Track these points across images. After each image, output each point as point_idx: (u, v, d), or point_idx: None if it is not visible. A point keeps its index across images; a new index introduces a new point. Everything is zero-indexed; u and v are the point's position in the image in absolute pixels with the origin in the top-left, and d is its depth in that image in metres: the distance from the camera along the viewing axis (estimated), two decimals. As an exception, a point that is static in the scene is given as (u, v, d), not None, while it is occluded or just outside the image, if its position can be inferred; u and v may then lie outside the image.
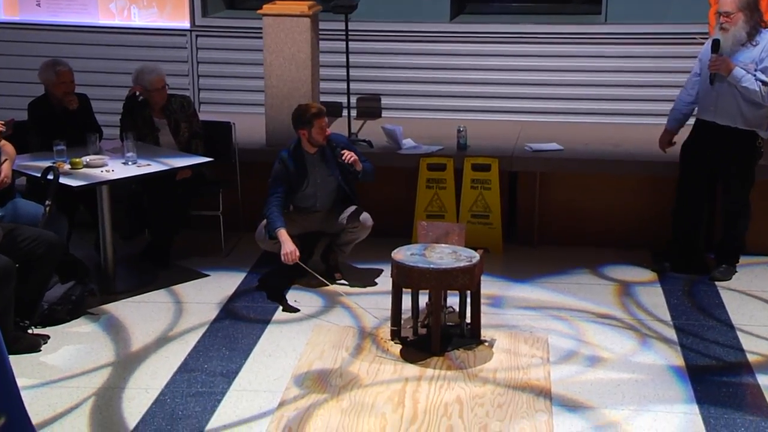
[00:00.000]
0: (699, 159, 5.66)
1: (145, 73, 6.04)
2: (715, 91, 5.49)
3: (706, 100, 5.56)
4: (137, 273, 5.91)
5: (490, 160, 6.26)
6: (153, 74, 6.02)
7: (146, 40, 7.53)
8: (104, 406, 4.35)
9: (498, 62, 7.26)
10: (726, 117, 5.50)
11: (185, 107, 6.16)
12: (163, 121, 6.12)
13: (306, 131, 5.51)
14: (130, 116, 6.12)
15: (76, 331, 5.14)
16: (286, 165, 5.54)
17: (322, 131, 5.51)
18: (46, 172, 5.34)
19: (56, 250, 4.94)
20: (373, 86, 7.37)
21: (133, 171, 5.58)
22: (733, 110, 5.46)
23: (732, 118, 5.48)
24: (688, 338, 5.03)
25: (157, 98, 6.05)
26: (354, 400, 4.37)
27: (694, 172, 5.70)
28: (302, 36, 6.37)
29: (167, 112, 6.12)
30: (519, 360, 4.76)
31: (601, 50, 7.11)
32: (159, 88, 6.02)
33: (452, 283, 4.74)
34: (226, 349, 4.92)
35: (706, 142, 5.61)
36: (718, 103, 5.49)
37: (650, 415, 4.27)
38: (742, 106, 5.45)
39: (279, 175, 5.55)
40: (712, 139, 5.57)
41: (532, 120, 7.22)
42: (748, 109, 5.45)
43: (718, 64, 5.41)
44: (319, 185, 5.66)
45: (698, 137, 5.67)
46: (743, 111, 5.45)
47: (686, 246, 5.85)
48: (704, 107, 5.59)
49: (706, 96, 5.54)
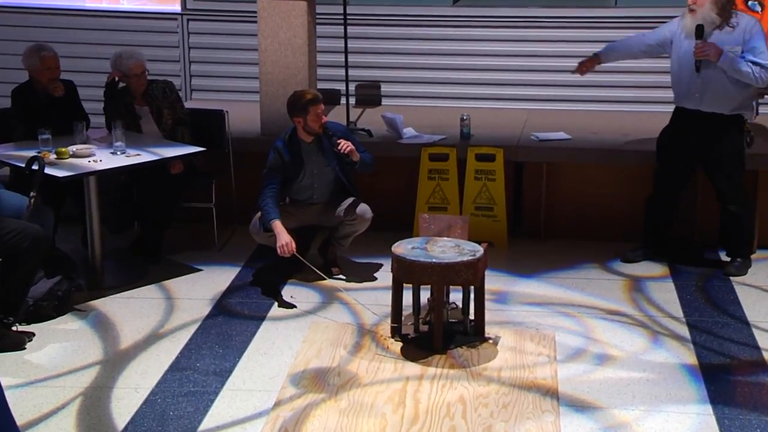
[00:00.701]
0: (680, 148, 5.72)
1: (123, 58, 6.02)
2: (701, 79, 5.53)
3: (689, 87, 5.59)
4: (126, 268, 5.90)
5: (494, 149, 6.24)
6: (132, 59, 6.00)
7: (135, 24, 7.51)
8: (92, 407, 4.34)
9: (503, 47, 7.25)
10: (713, 104, 5.55)
11: (167, 93, 6.13)
12: (144, 108, 6.10)
13: (301, 119, 5.50)
14: (112, 104, 6.10)
15: (63, 329, 5.13)
16: (281, 155, 5.53)
17: (318, 119, 5.49)
18: (31, 163, 5.32)
19: (42, 243, 4.92)
20: (373, 73, 7.37)
21: (121, 161, 5.57)
22: (722, 96, 5.52)
23: (720, 104, 5.54)
24: (702, 335, 5.02)
25: (136, 84, 6.03)
26: (353, 400, 4.36)
27: (674, 161, 5.76)
28: (299, 20, 6.36)
29: (148, 99, 6.09)
30: (525, 358, 4.75)
31: (611, 35, 7.06)
32: (138, 74, 6.00)
33: (455, 279, 4.73)
34: (220, 347, 4.92)
35: (689, 131, 5.66)
36: (706, 91, 5.54)
37: (662, 415, 4.26)
38: (730, 91, 5.51)
39: (274, 166, 5.53)
40: (696, 127, 5.63)
41: (539, 108, 7.21)
42: (737, 93, 5.53)
43: (706, 49, 5.46)
44: (316, 176, 5.64)
45: (680, 126, 5.72)
46: (733, 95, 5.52)
47: (659, 234, 5.94)
48: (687, 95, 5.62)
49: (690, 84, 5.57)
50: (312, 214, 5.73)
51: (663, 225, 5.94)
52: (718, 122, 5.57)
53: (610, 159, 6.24)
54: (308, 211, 5.72)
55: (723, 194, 5.71)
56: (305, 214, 5.71)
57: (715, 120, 5.57)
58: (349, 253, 5.91)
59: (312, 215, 5.73)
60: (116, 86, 6.09)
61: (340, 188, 5.71)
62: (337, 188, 5.71)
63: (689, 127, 5.66)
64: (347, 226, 5.64)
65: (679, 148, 5.72)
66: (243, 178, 6.34)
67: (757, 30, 5.50)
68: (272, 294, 5.51)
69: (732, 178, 5.67)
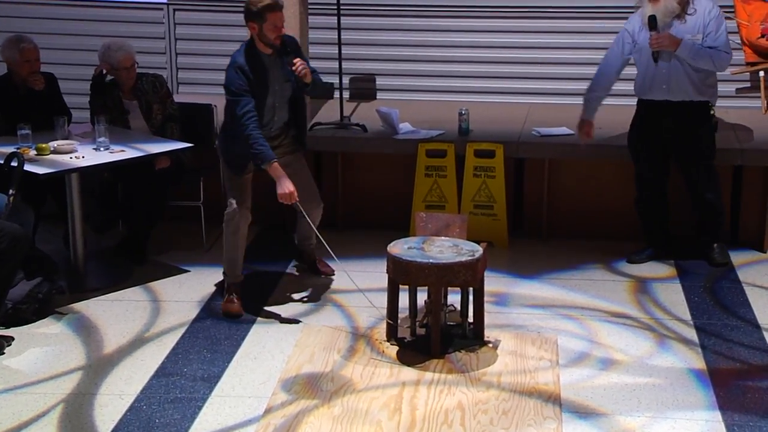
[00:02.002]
0: (653, 141, 5.80)
1: (112, 50, 6.02)
2: (664, 69, 5.63)
3: (655, 79, 5.69)
4: (110, 269, 5.90)
5: (494, 145, 6.25)
6: (121, 52, 6.00)
7: (119, 14, 7.50)
8: (74, 414, 4.34)
9: (503, 39, 7.26)
10: (680, 93, 5.67)
11: (157, 87, 6.14)
12: (133, 103, 6.10)
13: (256, 26, 5.10)
14: (99, 98, 6.10)
15: (43, 333, 5.13)
16: (245, 73, 5.07)
17: (276, 30, 5.09)
18: (10, 159, 5.32)
19: (21, 243, 4.92)
20: (368, 65, 7.37)
21: (105, 157, 5.57)
22: (686, 84, 5.65)
23: (687, 92, 5.66)
24: (710, 339, 5.04)
25: (126, 78, 6.03)
26: (347, 406, 4.37)
27: (650, 155, 5.84)
28: (290, 10, 6.35)
29: (137, 93, 6.10)
30: (526, 363, 4.76)
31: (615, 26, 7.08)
32: (127, 66, 6.01)
33: (453, 280, 4.74)
34: (208, 352, 4.92)
35: (658, 123, 5.75)
36: (671, 81, 5.64)
37: (668, 422, 4.27)
38: (694, 78, 5.64)
39: (243, 85, 5.03)
40: (665, 117, 5.72)
41: (541, 102, 7.22)
42: (700, 80, 5.65)
43: (661, 40, 5.56)
44: (278, 94, 5.25)
45: (650, 119, 5.80)
46: (695, 83, 5.64)
47: (661, 231, 5.99)
48: (654, 86, 5.71)
49: (655, 75, 5.67)
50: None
51: (660, 223, 5.99)
52: (687, 110, 5.69)
53: (614, 155, 6.25)
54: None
55: (698, 183, 5.81)
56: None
57: (684, 108, 5.68)
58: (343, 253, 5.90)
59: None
60: (104, 79, 6.10)
61: (292, 115, 5.35)
62: (290, 114, 5.33)
63: (659, 118, 5.74)
64: (305, 226, 5.50)
65: (653, 142, 5.80)
66: (232, 175, 6.33)
67: (714, 15, 5.61)
68: (262, 295, 5.52)
69: (708, 166, 5.80)
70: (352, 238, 5.75)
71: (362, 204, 6.54)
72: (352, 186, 6.56)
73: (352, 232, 6.43)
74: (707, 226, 5.94)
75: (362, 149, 6.47)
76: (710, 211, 5.88)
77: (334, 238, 5.73)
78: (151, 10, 7.53)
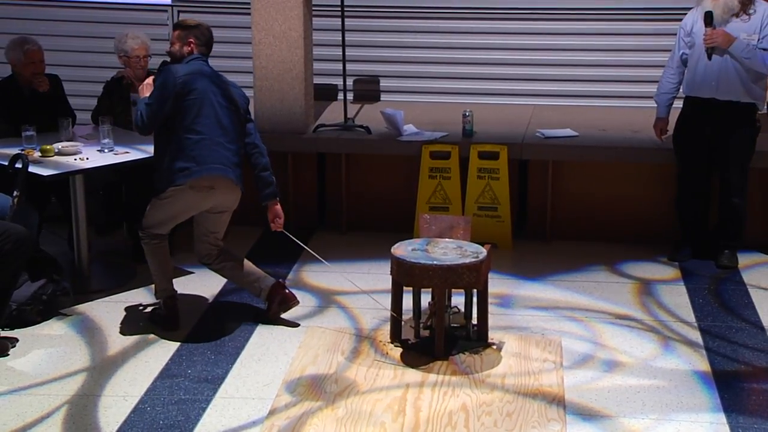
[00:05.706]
0: (698, 140, 5.78)
1: (129, 37, 6.08)
2: (715, 66, 5.61)
3: (705, 76, 5.68)
4: (114, 270, 5.90)
5: (498, 147, 6.25)
6: (137, 40, 6.06)
7: (123, 16, 7.51)
8: (78, 416, 4.35)
9: (507, 40, 7.25)
10: (728, 92, 5.65)
11: None
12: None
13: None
14: (108, 99, 6.10)
15: (48, 334, 5.13)
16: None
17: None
18: (14, 161, 5.32)
19: (25, 245, 4.92)
20: (372, 67, 7.36)
21: (109, 159, 5.57)
22: (736, 84, 5.63)
23: (735, 92, 5.64)
24: (715, 341, 5.03)
25: (136, 66, 6.06)
26: (350, 408, 4.37)
27: (695, 154, 5.82)
28: (294, 12, 6.36)
29: None
30: (530, 365, 4.76)
31: (620, 27, 7.10)
32: (140, 55, 6.05)
33: (457, 281, 4.74)
34: (212, 353, 4.92)
35: (704, 121, 5.73)
36: (720, 78, 5.62)
37: (673, 424, 4.26)
38: (744, 78, 5.61)
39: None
40: (711, 116, 5.70)
41: (545, 104, 7.21)
42: (751, 81, 5.62)
43: (715, 37, 5.56)
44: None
45: (695, 117, 5.79)
46: (746, 83, 5.62)
47: (700, 233, 5.97)
48: (702, 84, 5.70)
49: (705, 72, 5.66)
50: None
51: (701, 223, 5.97)
52: (733, 111, 5.66)
53: (618, 157, 6.25)
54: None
55: (730, 186, 5.79)
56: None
57: (730, 109, 5.66)
58: (347, 254, 5.91)
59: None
60: (122, 83, 6.11)
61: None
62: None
63: (704, 117, 5.72)
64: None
65: (698, 141, 5.78)
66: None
67: None
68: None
69: (744, 169, 5.78)
70: (355, 239, 5.74)
71: (366, 205, 6.53)
72: (355, 187, 6.56)
73: (356, 233, 6.43)
74: (727, 230, 5.90)
75: (366, 151, 6.47)
76: (733, 216, 5.84)
77: (338, 240, 5.77)
78: (155, 12, 7.53)
